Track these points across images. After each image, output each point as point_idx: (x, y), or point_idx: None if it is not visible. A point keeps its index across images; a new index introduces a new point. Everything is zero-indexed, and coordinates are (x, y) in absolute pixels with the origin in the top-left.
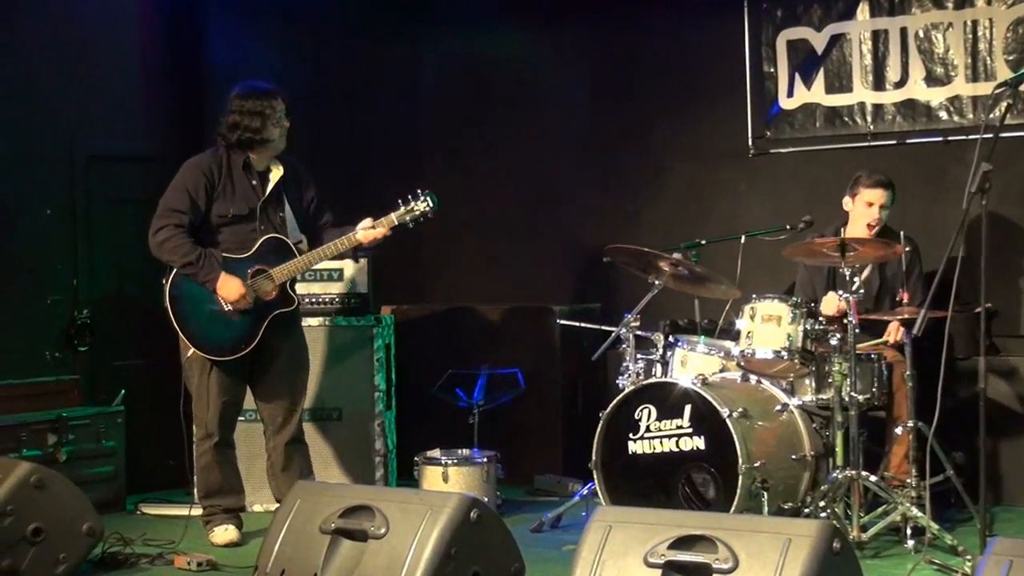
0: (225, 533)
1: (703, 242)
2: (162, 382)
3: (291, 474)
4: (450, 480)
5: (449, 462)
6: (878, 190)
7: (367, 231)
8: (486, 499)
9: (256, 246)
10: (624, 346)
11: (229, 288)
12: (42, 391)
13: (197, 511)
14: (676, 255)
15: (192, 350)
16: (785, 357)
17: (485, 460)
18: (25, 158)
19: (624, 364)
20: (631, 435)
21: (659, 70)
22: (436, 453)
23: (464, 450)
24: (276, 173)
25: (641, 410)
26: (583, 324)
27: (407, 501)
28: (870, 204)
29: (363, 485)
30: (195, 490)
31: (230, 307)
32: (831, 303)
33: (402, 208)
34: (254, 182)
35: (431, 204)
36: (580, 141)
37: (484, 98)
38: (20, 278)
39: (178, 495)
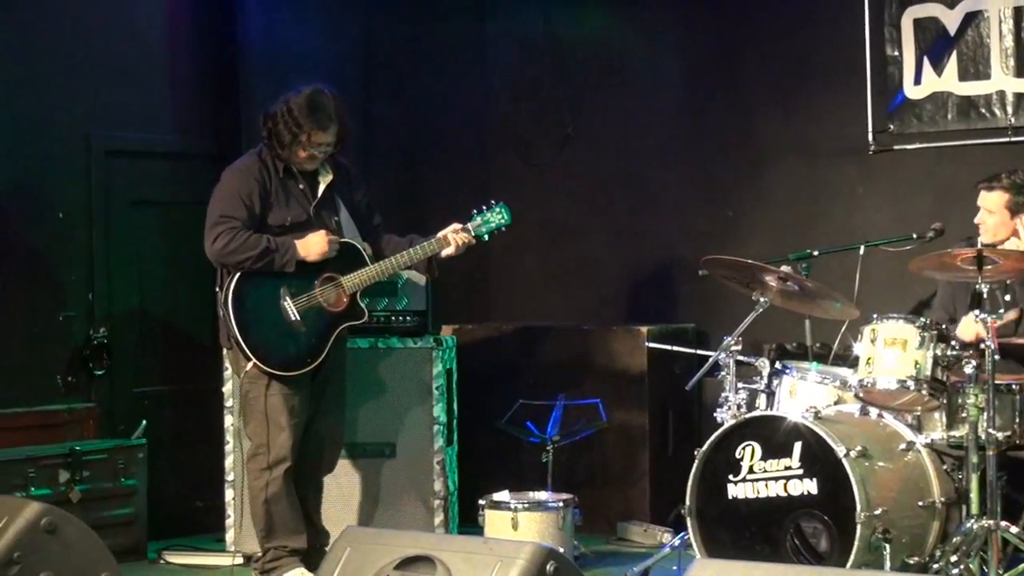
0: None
1: (815, 253)
2: (189, 412)
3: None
4: (520, 527)
5: (519, 506)
6: (981, 191)
7: (457, 234)
8: (562, 550)
9: None
10: (723, 373)
11: (311, 245)
12: (53, 421)
13: (228, 559)
14: (784, 268)
15: (251, 364)
16: (911, 388)
17: (561, 505)
18: (34, 153)
19: (723, 395)
20: (731, 477)
21: (764, 53)
22: (504, 496)
23: (536, 493)
24: (325, 175)
25: (743, 448)
26: (675, 348)
27: (472, 551)
28: (979, 207)
29: (421, 532)
30: (227, 534)
31: (318, 257)
32: (968, 328)
33: (478, 219)
34: (301, 186)
35: (505, 218)
36: (673, 135)
37: (562, 85)
38: (28, 291)
39: (207, 541)
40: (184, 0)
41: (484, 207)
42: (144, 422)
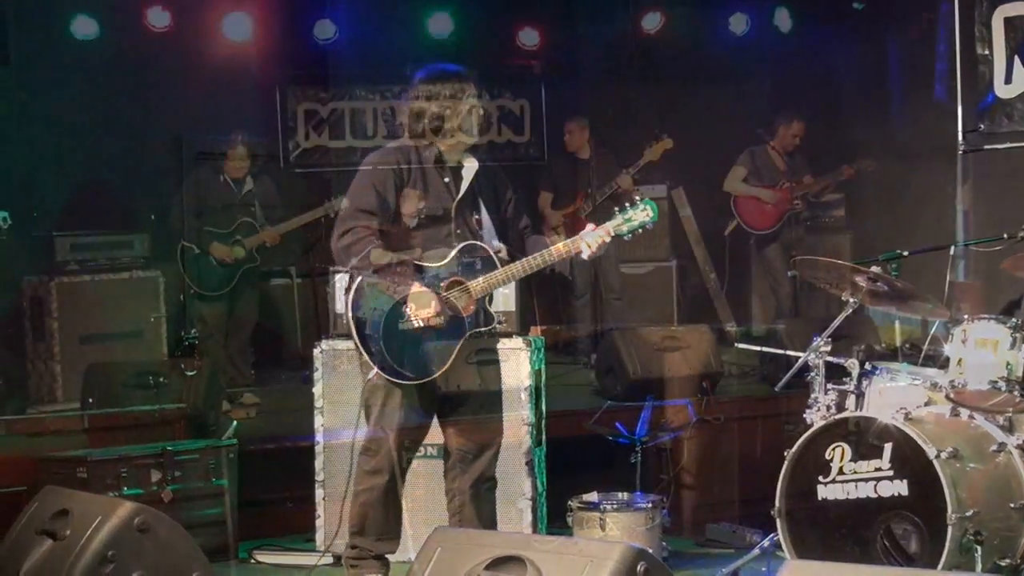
0: None
1: (905, 253)
2: (279, 412)
3: (479, 519)
4: (609, 528)
5: (608, 507)
6: None
7: (592, 235)
8: (651, 550)
9: (453, 254)
10: (812, 374)
11: (422, 301)
12: (145, 421)
13: (316, 559)
14: (874, 268)
15: (375, 372)
16: (1003, 389)
17: (649, 505)
18: (127, 156)
19: (812, 395)
20: (821, 478)
21: (853, 53)
22: (593, 497)
23: (625, 494)
24: (470, 169)
25: (833, 449)
26: (764, 348)
27: (562, 552)
28: None
29: (511, 533)
30: (317, 533)
31: (421, 323)
32: None
33: (619, 218)
34: (447, 179)
35: (652, 214)
36: (761, 135)
37: (650, 85)
38: (120, 292)
39: (298, 542)
40: (273, 6)
41: (628, 204)
42: (235, 422)
